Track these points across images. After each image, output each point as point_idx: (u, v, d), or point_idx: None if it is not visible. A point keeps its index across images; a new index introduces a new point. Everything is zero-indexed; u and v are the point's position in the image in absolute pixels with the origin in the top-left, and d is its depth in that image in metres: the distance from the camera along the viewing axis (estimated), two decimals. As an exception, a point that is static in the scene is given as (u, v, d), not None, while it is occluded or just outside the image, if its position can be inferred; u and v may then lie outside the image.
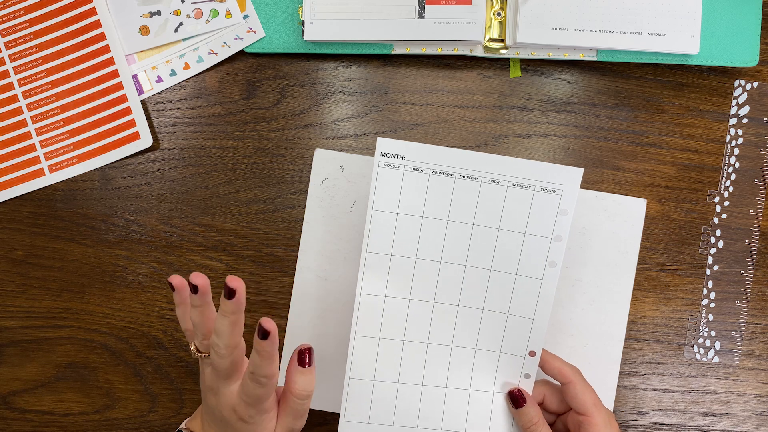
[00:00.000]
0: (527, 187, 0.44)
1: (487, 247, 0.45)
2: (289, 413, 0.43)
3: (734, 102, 0.53)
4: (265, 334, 0.40)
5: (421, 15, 0.50)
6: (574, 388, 0.44)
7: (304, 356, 0.42)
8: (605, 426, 0.43)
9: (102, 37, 0.54)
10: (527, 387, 0.46)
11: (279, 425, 0.43)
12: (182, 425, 0.46)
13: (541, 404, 0.47)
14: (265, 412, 0.42)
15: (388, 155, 0.43)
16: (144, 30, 0.53)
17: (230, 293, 0.40)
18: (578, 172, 0.43)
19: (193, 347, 0.44)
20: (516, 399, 0.45)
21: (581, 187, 0.45)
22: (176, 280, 0.43)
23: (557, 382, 0.46)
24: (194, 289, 0.41)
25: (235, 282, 0.40)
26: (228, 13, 0.53)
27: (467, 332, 0.46)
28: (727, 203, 0.53)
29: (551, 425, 0.47)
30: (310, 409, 0.52)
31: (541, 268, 0.44)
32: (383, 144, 0.43)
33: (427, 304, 0.45)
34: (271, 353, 0.40)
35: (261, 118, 0.54)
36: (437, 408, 0.46)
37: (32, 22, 0.54)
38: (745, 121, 0.53)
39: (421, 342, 0.46)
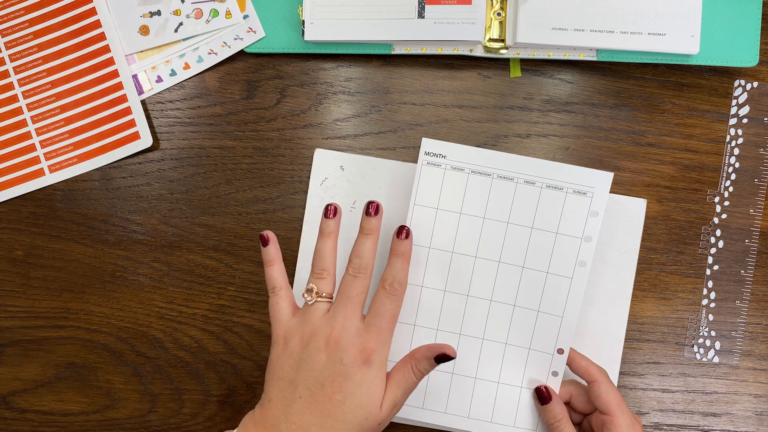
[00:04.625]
0: (560, 188, 0.46)
1: (520, 245, 0.47)
2: (401, 383, 0.42)
3: (734, 102, 0.53)
4: (406, 234, 0.44)
5: (421, 15, 0.50)
6: (599, 388, 0.45)
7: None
8: (628, 428, 0.44)
9: (102, 37, 0.54)
10: (554, 384, 0.47)
11: (386, 399, 0.42)
12: None
13: (568, 403, 0.48)
14: (387, 349, 0.43)
15: (432, 154, 0.46)
16: (144, 30, 0.53)
17: (376, 209, 0.44)
18: (608, 176, 0.46)
19: (314, 291, 0.43)
20: (542, 395, 0.46)
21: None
22: (270, 233, 0.46)
23: (584, 382, 0.47)
24: (333, 211, 0.45)
25: (376, 201, 0.45)
26: (228, 13, 0.53)
27: (499, 327, 0.47)
28: (727, 203, 0.53)
29: (578, 425, 0.48)
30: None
31: (571, 267, 0.46)
32: (428, 144, 0.46)
33: (462, 296, 0.47)
34: (409, 255, 0.44)
35: (261, 118, 0.54)
36: (465, 397, 0.48)
37: (32, 22, 0.54)
38: (745, 121, 0.53)
39: (454, 333, 0.48)
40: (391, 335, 0.43)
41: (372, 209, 0.45)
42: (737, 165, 0.53)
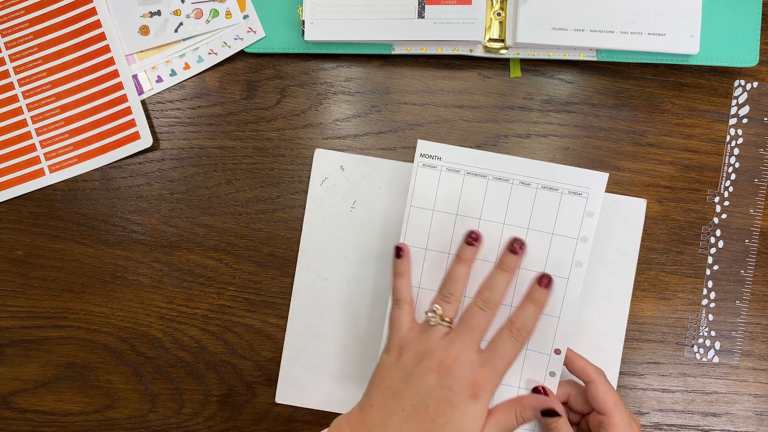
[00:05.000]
0: (555, 189, 0.46)
1: None
2: (501, 424, 0.42)
3: (734, 102, 0.53)
4: (548, 283, 0.43)
5: (421, 15, 0.50)
6: (596, 388, 0.45)
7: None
8: (625, 427, 0.44)
9: (102, 37, 0.54)
10: (552, 385, 0.47)
11: (489, 424, 0.42)
12: None
13: (565, 403, 0.48)
14: (495, 389, 0.42)
15: (427, 156, 0.47)
16: (144, 30, 0.53)
17: (521, 246, 0.44)
18: (603, 177, 0.46)
19: (439, 312, 0.43)
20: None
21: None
22: (405, 246, 0.46)
23: (582, 382, 0.47)
24: (476, 239, 0.45)
25: (521, 239, 0.44)
26: (228, 13, 0.53)
27: (496, 327, 0.47)
28: (727, 203, 0.53)
29: (576, 425, 0.48)
30: (311, 409, 0.52)
31: (567, 267, 0.46)
32: (423, 146, 0.46)
33: None
34: (545, 305, 0.43)
35: (261, 118, 0.54)
36: None
37: (32, 22, 0.54)
38: (745, 121, 0.53)
39: None
40: (503, 377, 0.43)
41: (517, 245, 0.45)
42: (737, 165, 0.53)
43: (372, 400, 0.43)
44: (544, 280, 0.44)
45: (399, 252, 0.46)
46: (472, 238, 0.45)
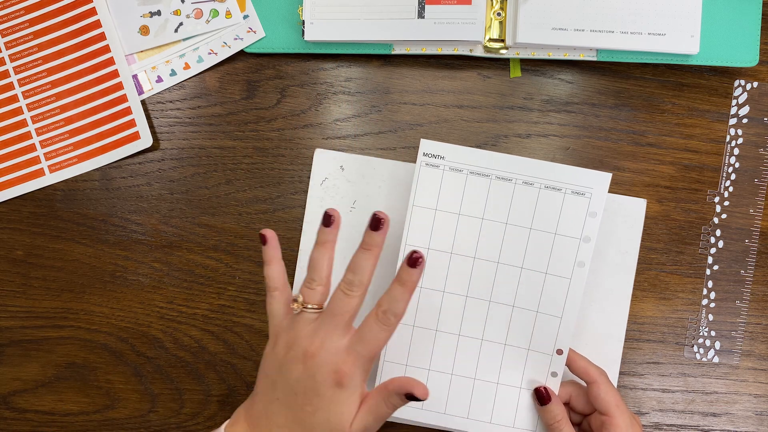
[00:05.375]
0: (558, 189, 0.46)
1: (519, 246, 0.47)
2: (373, 411, 0.41)
3: (734, 102, 0.53)
4: (415, 262, 0.40)
5: (421, 15, 0.50)
6: (598, 389, 0.45)
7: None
8: (627, 428, 0.44)
9: (102, 37, 0.54)
10: (554, 385, 0.47)
11: (357, 422, 0.41)
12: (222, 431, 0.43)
13: (567, 404, 0.48)
14: (365, 377, 0.41)
15: (430, 155, 0.46)
16: (144, 30, 0.53)
17: (377, 224, 0.41)
18: (606, 177, 0.46)
19: (300, 300, 0.42)
20: (542, 396, 0.46)
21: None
22: (269, 232, 0.44)
23: (584, 383, 0.47)
24: (327, 221, 0.42)
25: (383, 214, 0.41)
26: (228, 13, 0.53)
27: (497, 327, 0.47)
28: (727, 203, 0.53)
29: (578, 425, 0.48)
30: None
31: (569, 267, 0.46)
32: (426, 145, 0.46)
33: (461, 297, 0.47)
34: (415, 286, 0.40)
35: (261, 118, 0.54)
36: (465, 398, 0.48)
37: (32, 22, 0.54)
38: (745, 121, 0.53)
39: (453, 333, 0.47)
40: (372, 362, 0.41)
41: (377, 222, 0.41)
42: (737, 165, 0.53)
43: (257, 388, 0.43)
44: (412, 260, 0.40)
45: (263, 239, 0.44)
46: (329, 220, 0.43)
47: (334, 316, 0.41)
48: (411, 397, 0.40)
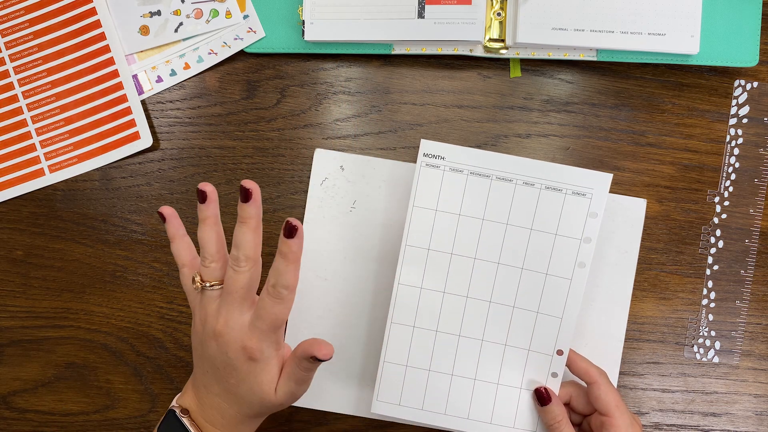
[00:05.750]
0: (559, 190, 0.46)
1: (519, 247, 0.46)
2: (292, 376, 0.42)
3: (734, 102, 0.53)
4: (292, 231, 0.39)
5: (421, 15, 0.50)
6: (598, 389, 0.45)
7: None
8: (627, 428, 0.44)
9: (102, 37, 0.54)
10: (554, 386, 0.47)
11: (280, 387, 0.42)
12: (173, 403, 0.45)
13: (567, 404, 0.48)
14: (277, 346, 0.42)
15: (430, 156, 0.46)
16: (144, 30, 0.53)
17: (247, 195, 0.40)
18: (607, 178, 0.45)
19: (198, 278, 0.43)
20: (542, 397, 0.46)
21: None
22: (167, 210, 0.44)
23: (584, 383, 0.47)
24: (202, 197, 0.42)
25: (250, 183, 0.40)
26: (228, 13, 0.53)
27: (498, 328, 0.47)
28: (727, 203, 0.53)
29: (578, 425, 0.48)
30: (310, 409, 0.52)
31: (570, 268, 0.46)
32: (426, 145, 0.46)
33: (461, 298, 0.47)
34: (297, 256, 0.40)
35: (261, 118, 0.54)
36: (465, 398, 0.48)
37: (32, 22, 0.54)
38: (745, 121, 0.53)
39: (453, 334, 0.47)
40: (276, 334, 0.42)
41: (245, 194, 0.41)
42: (737, 165, 0.53)
43: (194, 361, 0.45)
44: (288, 230, 0.40)
45: (161, 218, 0.45)
46: (203, 196, 0.42)
47: (229, 293, 0.42)
48: (316, 359, 0.41)
